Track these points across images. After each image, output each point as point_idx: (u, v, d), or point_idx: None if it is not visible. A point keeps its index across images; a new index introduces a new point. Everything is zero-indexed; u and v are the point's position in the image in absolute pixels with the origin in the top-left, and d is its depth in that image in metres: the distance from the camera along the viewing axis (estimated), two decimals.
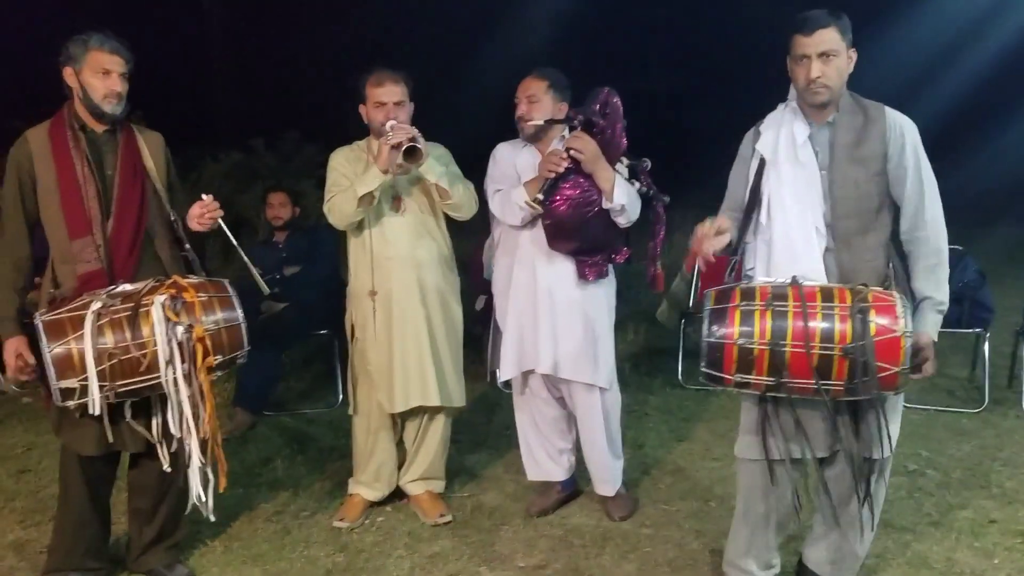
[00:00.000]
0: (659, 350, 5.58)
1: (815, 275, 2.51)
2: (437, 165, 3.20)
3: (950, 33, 11.42)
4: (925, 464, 3.87)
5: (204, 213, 2.83)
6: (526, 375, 3.41)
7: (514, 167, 3.33)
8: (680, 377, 5.02)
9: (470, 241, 6.70)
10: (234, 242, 2.87)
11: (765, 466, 2.62)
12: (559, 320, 3.26)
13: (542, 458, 3.51)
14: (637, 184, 3.17)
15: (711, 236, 2.54)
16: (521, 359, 3.36)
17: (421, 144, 3.04)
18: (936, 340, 2.49)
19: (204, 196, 2.86)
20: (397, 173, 3.13)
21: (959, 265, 4.84)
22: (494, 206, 3.34)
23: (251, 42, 13.26)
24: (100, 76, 2.69)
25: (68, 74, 2.70)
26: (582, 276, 3.24)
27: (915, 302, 2.50)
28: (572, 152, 3.05)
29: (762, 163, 2.65)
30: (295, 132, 9.63)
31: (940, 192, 2.58)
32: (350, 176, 3.20)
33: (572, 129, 3.15)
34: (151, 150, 2.86)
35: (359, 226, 3.24)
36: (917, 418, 4.46)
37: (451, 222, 3.43)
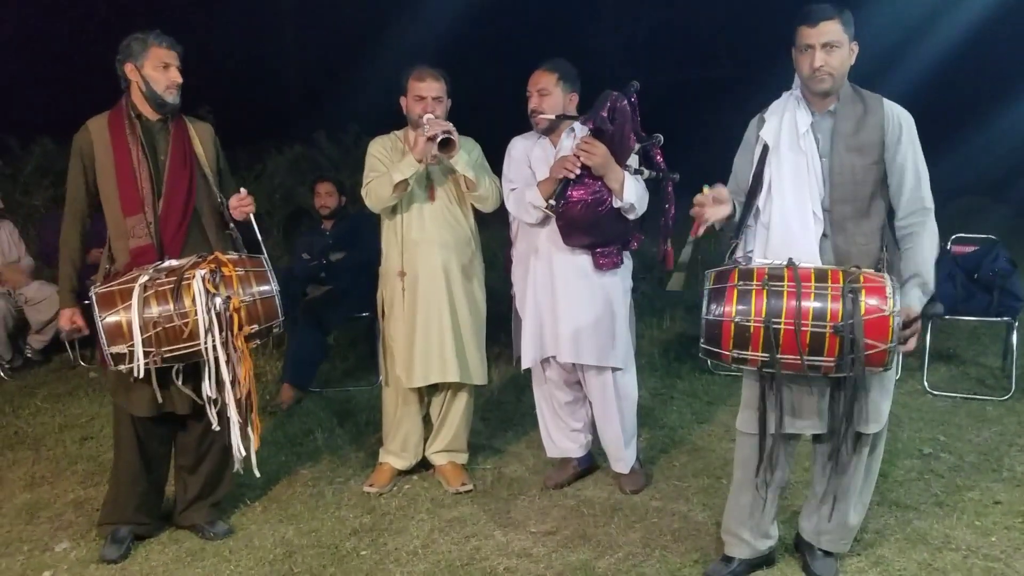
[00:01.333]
0: (692, 337, 5.69)
1: (810, 258, 2.64)
2: (467, 158, 3.41)
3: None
4: (940, 448, 3.94)
5: (238, 206, 3.11)
6: (543, 362, 3.59)
7: (528, 162, 3.49)
8: (709, 363, 5.13)
9: (497, 232, 6.92)
10: (259, 237, 3.12)
11: (762, 440, 2.75)
12: (577, 310, 3.41)
13: (559, 437, 3.70)
14: (647, 172, 3.28)
15: (710, 203, 2.69)
16: (541, 347, 3.53)
17: (455, 137, 3.25)
18: (920, 314, 2.61)
19: (242, 190, 3.15)
20: (431, 163, 3.35)
21: (990, 254, 4.90)
22: (510, 204, 3.51)
23: (319, 41, 13.69)
24: (161, 69, 2.99)
25: (130, 69, 2.99)
26: (597, 267, 3.40)
27: (902, 280, 2.62)
28: (582, 158, 3.18)
29: (765, 149, 2.78)
30: (355, 126, 9.99)
31: (972, 180, 2.68)
32: (386, 163, 3.44)
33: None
34: (201, 139, 3.14)
35: (392, 210, 3.48)
36: (943, 405, 4.52)
37: (483, 216, 3.64)
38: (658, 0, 13.95)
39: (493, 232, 7.53)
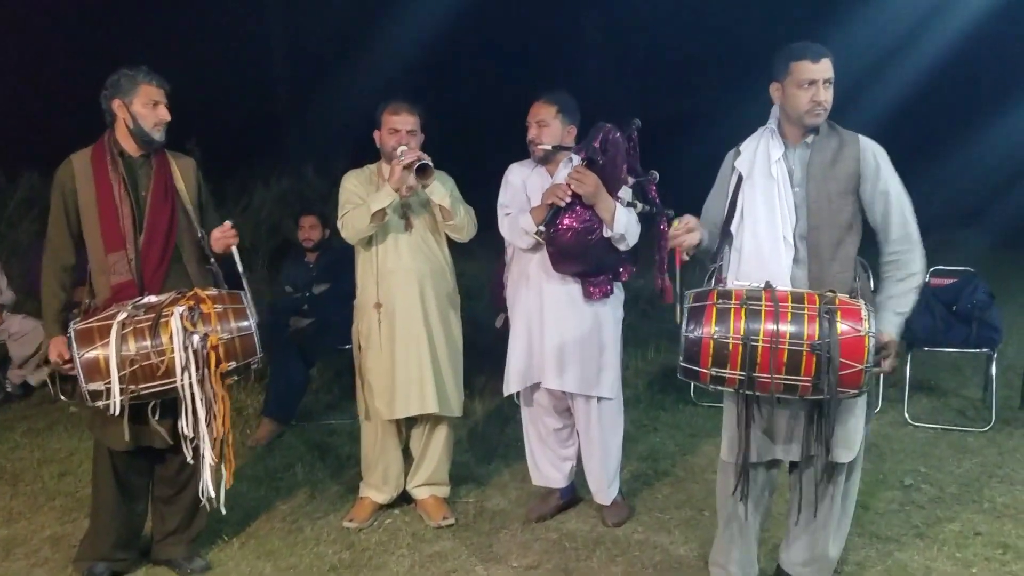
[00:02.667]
0: (676, 368, 5.70)
1: (780, 282, 2.69)
2: (442, 188, 3.45)
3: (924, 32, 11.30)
4: (921, 479, 3.95)
5: (221, 238, 3.12)
6: (532, 388, 3.60)
7: (524, 189, 3.54)
8: (692, 394, 5.15)
9: (489, 261, 6.93)
10: (239, 268, 3.13)
11: (739, 467, 2.77)
12: (566, 337, 3.43)
13: (544, 465, 3.69)
14: (640, 205, 3.32)
15: (684, 232, 2.75)
16: (527, 373, 3.55)
17: (430, 163, 3.30)
18: (897, 339, 2.67)
19: (225, 223, 3.16)
20: (406, 194, 3.38)
21: (968, 286, 4.94)
22: (503, 229, 3.55)
23: (309, 75, 13.77)
24: (150, 107, 3.02)
25: (117, 105, 3.01)
26: (587, 295, 3.43)
27: (879, 302, 2.70)
28: (573, 186, 3.22)
29: (740, 179, 2.85)
30: (343, 159, 10.02)
31: (942, 210, 2.76)
32: (361, 195, 3.47)
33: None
34: (183, 174, 3.15)
35: (368, 241, 3.50)
36: (923, 436, 4.55)
37: (468, 246, 3.67)
38: (641, 29, 14.16)
39: (478, 262, 7.59)
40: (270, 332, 5.12)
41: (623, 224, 3.26)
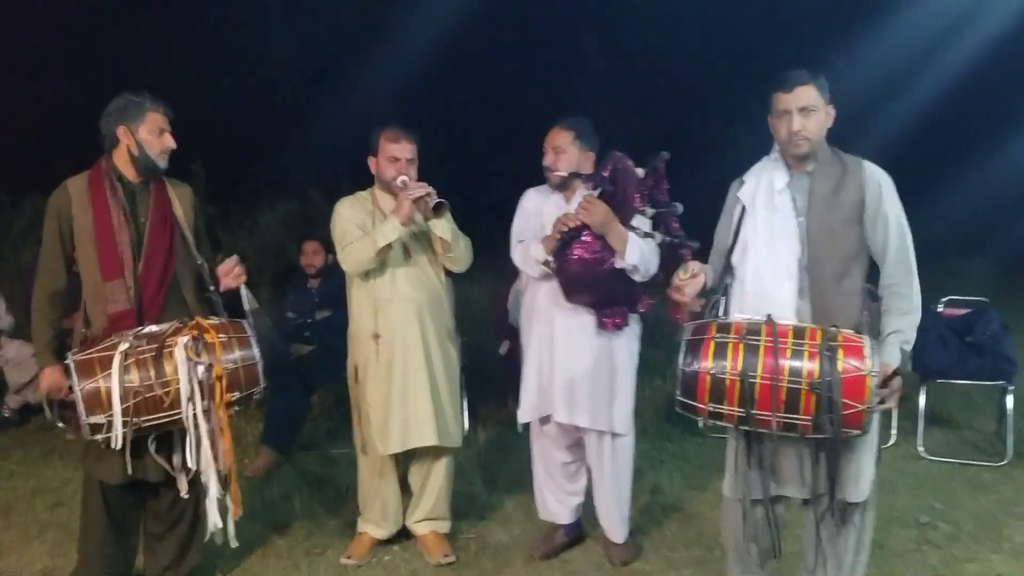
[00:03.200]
0: None
1: (785, 315, 2.63)
2: (444, 221, 3.37)
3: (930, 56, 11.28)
4: (937, 517, 3.85)
5: (228, 274, 3.08)
6: (543, 420, 3.51)
7: (539, 215, 3.46)
8: (700, 424, 5.05)
9: (492, 287, 6.86)
10: (246, 307, 3.07)
11: (744, 504, 2.70)
12: (576, 369, 3.34)
13: (550, 500, 3.60)
14: (660, 236, 3.22)
15: (687, 281, 2.69)
16: (539, 404, 3.46)
17: (445, 202, 3.24)
18: (899, 370, 2.58)
19: (230, 259, 3.11)
20: (408, 224, 3.31)
21: (983, 317, 4.87)
22: (516, 257, 3.47)
23: (316, 96, 13.80)
24: (156, 134, 2.97)
25: (122, 132, 2.95)
26: (601, 327, 3.33)
27: (882, 336, 2.61)
28: (581, 216, 3.15)
29: (743, 210, 2.79)
30: (348, 182, 9.96)
31: (951, 238, 2.69)
32: (358, 225, 3.40)
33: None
34: (181, 201, 3.09)
35: (365, 271, 3.41)
36: (937, 471, 4.45)
37: (473, 273, 3.61)
38: (648, 63, 14.18)
39: (481, 287, 7.53)
40: (270, 359, 5.05)
41: (636, 255, 3.18)
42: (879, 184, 2.67)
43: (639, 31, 13.33)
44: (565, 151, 3.38)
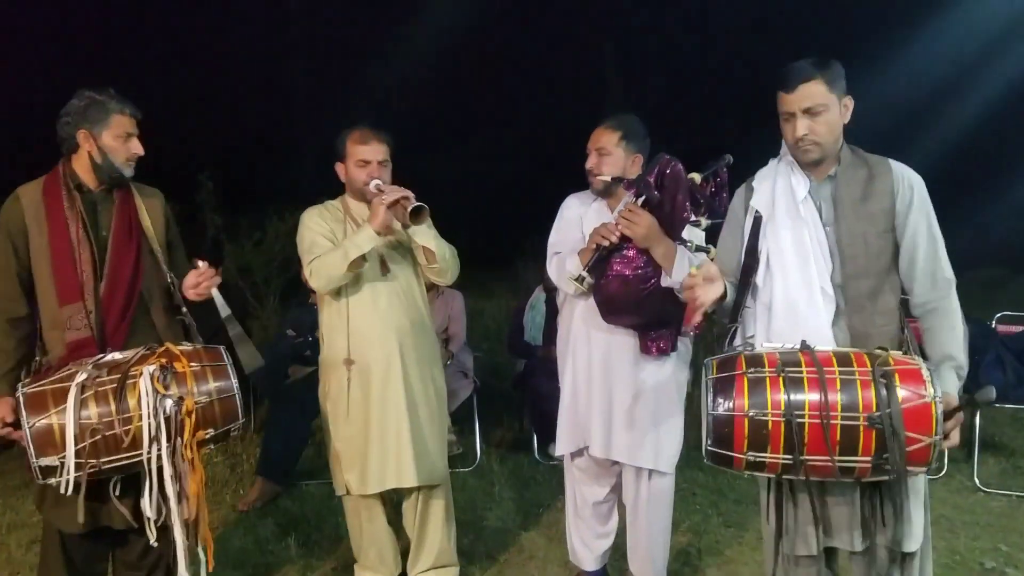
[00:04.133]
0: None
1: (822, 341, 2.25)
2: (426, 229, 3.00)
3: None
4: (1004, 561, 3.44)
5: (200, 283, 2.69)
6: (575, 452, 3.13)
7: (580, 225, 3.06)
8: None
9: (505, 302, 6.50)
10: (223, 314, 2.70)
11: (797, 560, 2.35)
12: (616, 398, 2.95)
13: (576, 542, 3.22)
14: (714, 249, 2.82)
15: (700, 283, 2.32)
16: (574, 435, 3.08)
17: (423, 204, 2.85)
18: (961, 404, 2.22)
19: (200, 264, 2.72)
20: (387, 234, 2.95)
21: None
22: (551, 270, 3.07)
23: (328, 104, 13.54)
24: (122, 140, 2.62)
25: (83, 136, 2.59)
26: (645, 351, 2.92)
27: (934, 362, 2.25)
28: (622, 227, 2.76)
29: (757, 220, 2.42)
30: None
31: (992, 249, 2.32)
32: (328, 236, 3.02)
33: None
34: (150, 210, 2.74)
35: (337, 289, 3.02)
36: (997, 505, 4.03)
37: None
38: (665, 71, 13.85)
39: (497, 301, 7.17)
40: (268, 381, 4.71)
41: (685, 273, 2.71)
42: (911, 187, 2.32)
43: (654, 40, 13.03)
44: (610, 153, 2.97)
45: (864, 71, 9.92)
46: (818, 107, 2.28)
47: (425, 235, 2.97)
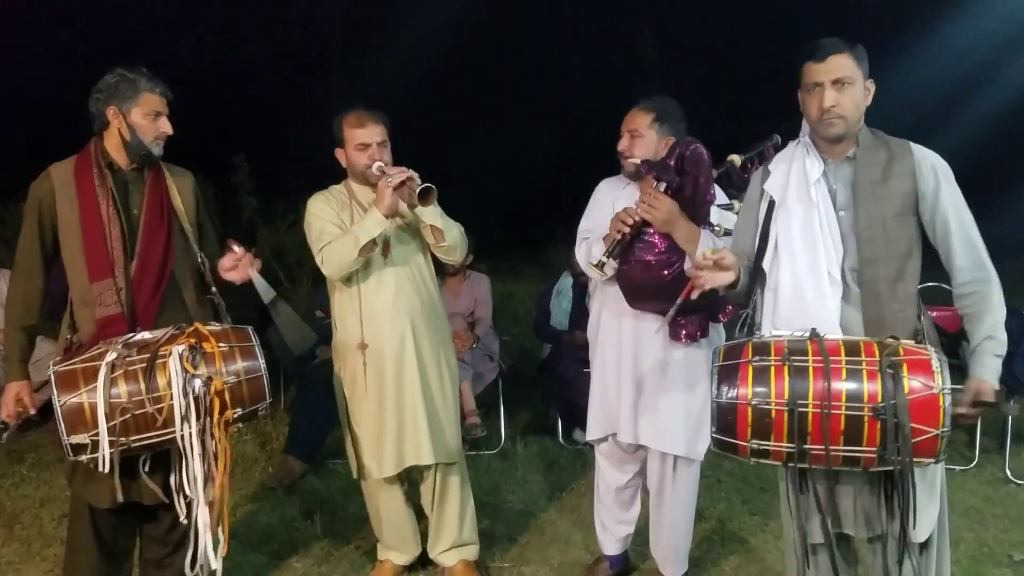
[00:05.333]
0: None
1: (828, 328, 2.23)
2: (432, 208, 2.97)
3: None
4: None
5: (235, 267, 2.70)
6: (601, 438, 3.13)
7: (611, 208, 3.01)
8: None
9: (535, 287, 6.49)
10: (266, 298, 2.73)
11: (802, 546, 2.33)
12: (645, 384, 2.94)
13: (598, 525, 3.23)
14: (737, 204, 2.74)
15: (711, 267, 2.30)
16: (605, 421, 3.07)
17: (431, 185, 2.85)
18: (997, 388, 2.19)
19: (235, 247, 2.72)
20: (393, 216, 2.94)
21: None
22: (579, 255, 3.05)
23: (364, 86, 13.58)
24: (151, 118, 2.63)
25: (112, 113, 2.61)
26: (675, 337, 2.89)
27: (973, 345, 2.24)
28: (641, 211, 2.74)
29: (771, 204, 2.40)
30: None
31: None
32: (335, 222, 3.03)
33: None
34: (180, 189, 2.76)
35: (347, 275, 3.03)
36: None
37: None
38: (704, 54, 13.67)
39: (525, 284, 7.16)
40: (297, 361, 4.76)
41: None
42: (934, 170, 2.27)
43: (692, 23, 12.85)
44: (642, 135, 2.91)
45: (906, 53, 9.72)
46: (847, 79, 2.26)
47: (432, 214, 2.96)
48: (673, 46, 13.87)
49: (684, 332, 2.87)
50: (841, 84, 2.25)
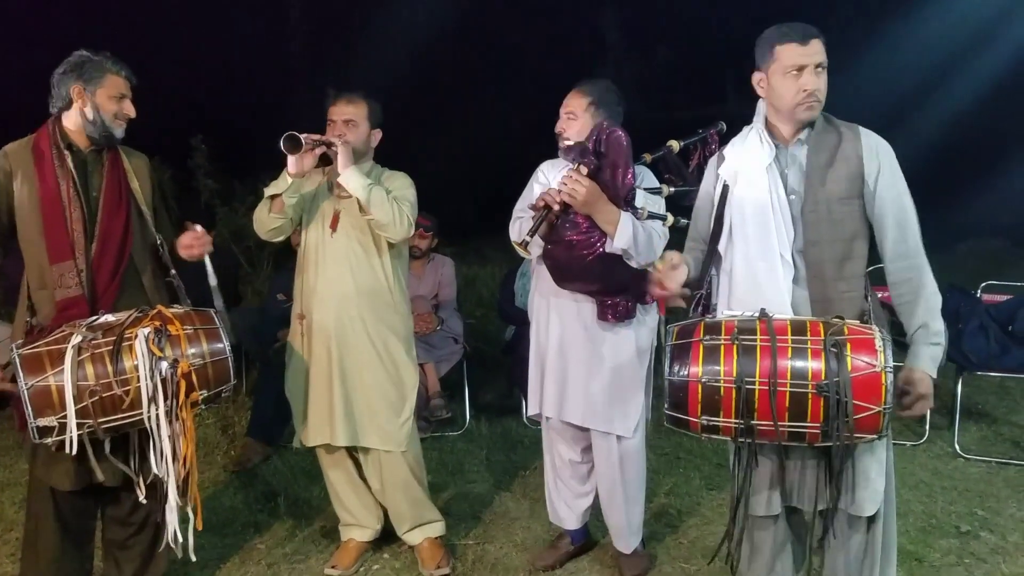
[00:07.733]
0: None
1: (781, 309, 2.32)
2: (359, 178, 2.95)
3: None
4: (980, 525, 3.51)
5: (193, 245, 2.74)
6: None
7: (548, 188, 3.05)
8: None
9: (500, 270, 6.53)
10: (212, 283, 2.76)
11: (755, 521, 2.45)
12: (570, 361, 3.01)
13: (557, 502, 3.28)
14: (672, 219, 2.86)
15: (668, 273, 2.38)
16: (539, 398, 3.14)
17: (337, 149, 2.94)
18: (935, 376, 2.28)
19: (196, 227, 2.77)
20: (300, 177, 3.01)
21: (1021, 310, 4.50)
22: (512, 233, 3.07)
23: (324, 67, 13.43)
24: (115, 100, 2.65)
25: (77, 92, 2.61)
26: (602, 317, 2.95)
27: (908, 335, 2.33)
28: (562, 193, 2.79)
29: (725, 188, 2.46)
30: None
31: (1001, 224, 2.36)
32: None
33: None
34: (137, 173, 2.77)
35: (300, 250, 3.17)
36: (976, 472, 4.10)
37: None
38: (665, 35, 13.75)
39: (491, 268, 7.20)
40: (258, 345, 4.76)
41: (626, 238, 2.75)
42: (878, 153, 2.34)
43: (656, 6, 12.90)
44: (577, 118, 2.96)
45: (877, 40, 9.83)
46: (824, 64, 2.32)
47: (355, 184, 2.94)
48: (639, 30, 13.93)
49: (612, 312, 2.94)
50: (821, 68, 2.31)
